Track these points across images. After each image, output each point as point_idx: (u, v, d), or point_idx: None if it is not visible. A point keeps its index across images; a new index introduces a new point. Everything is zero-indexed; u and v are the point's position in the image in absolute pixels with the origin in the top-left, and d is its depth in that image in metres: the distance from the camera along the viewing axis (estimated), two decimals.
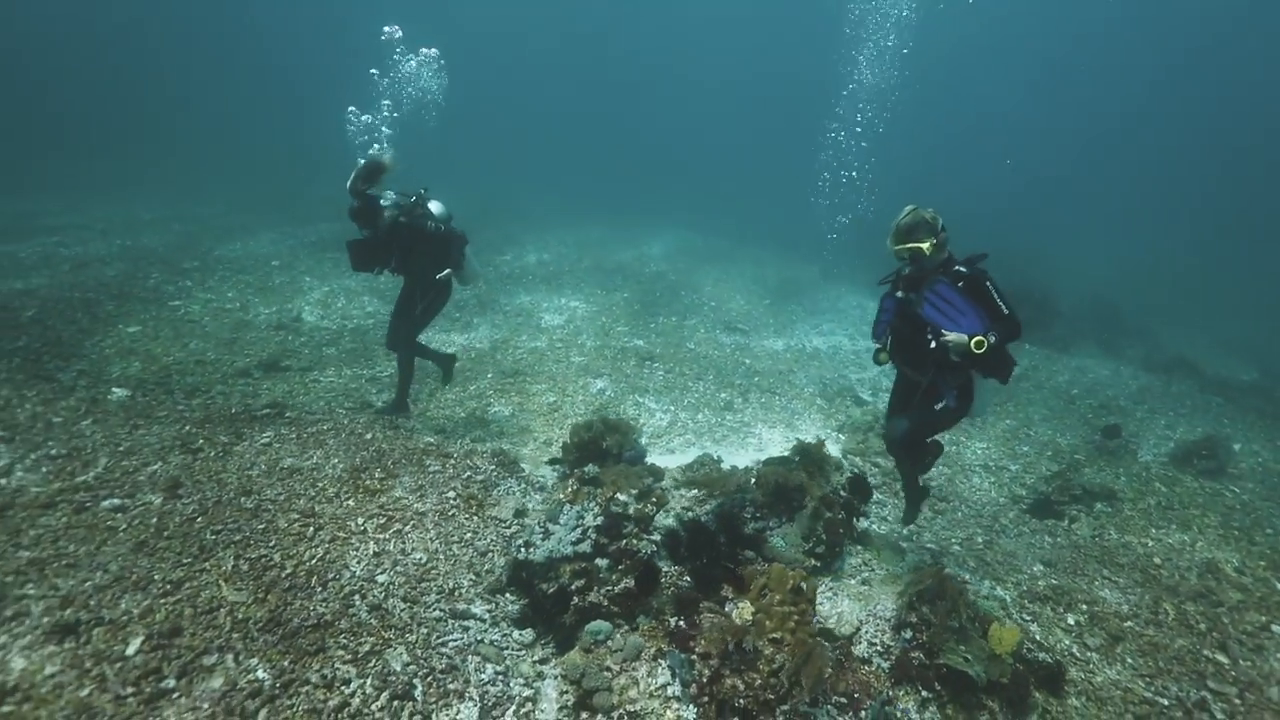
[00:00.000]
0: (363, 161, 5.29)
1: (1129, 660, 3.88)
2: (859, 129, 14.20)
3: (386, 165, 5.32)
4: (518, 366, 7.75)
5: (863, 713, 2.92)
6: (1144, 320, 13.94)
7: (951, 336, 3.51)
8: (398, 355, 6.06)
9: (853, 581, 4.00)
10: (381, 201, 5.40)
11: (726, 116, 49.37)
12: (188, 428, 5.03)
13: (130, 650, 2.83)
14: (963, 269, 3.69)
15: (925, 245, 3.61)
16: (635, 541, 3.72)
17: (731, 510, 4.08)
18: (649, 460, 4.84)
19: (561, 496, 4.00)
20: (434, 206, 5.65)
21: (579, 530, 3.75)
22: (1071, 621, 4.19)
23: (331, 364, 7.44)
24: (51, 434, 4.65)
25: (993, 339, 3.46)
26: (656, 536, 3.80)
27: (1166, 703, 3.54)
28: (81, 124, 24.25)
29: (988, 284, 3.61)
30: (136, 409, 5.36)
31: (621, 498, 3.92)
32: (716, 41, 50.00)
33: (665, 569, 3.67)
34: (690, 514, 4.10)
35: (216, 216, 13.91)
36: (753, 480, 4.33)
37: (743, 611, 3.05)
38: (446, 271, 5.58)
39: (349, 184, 5.21)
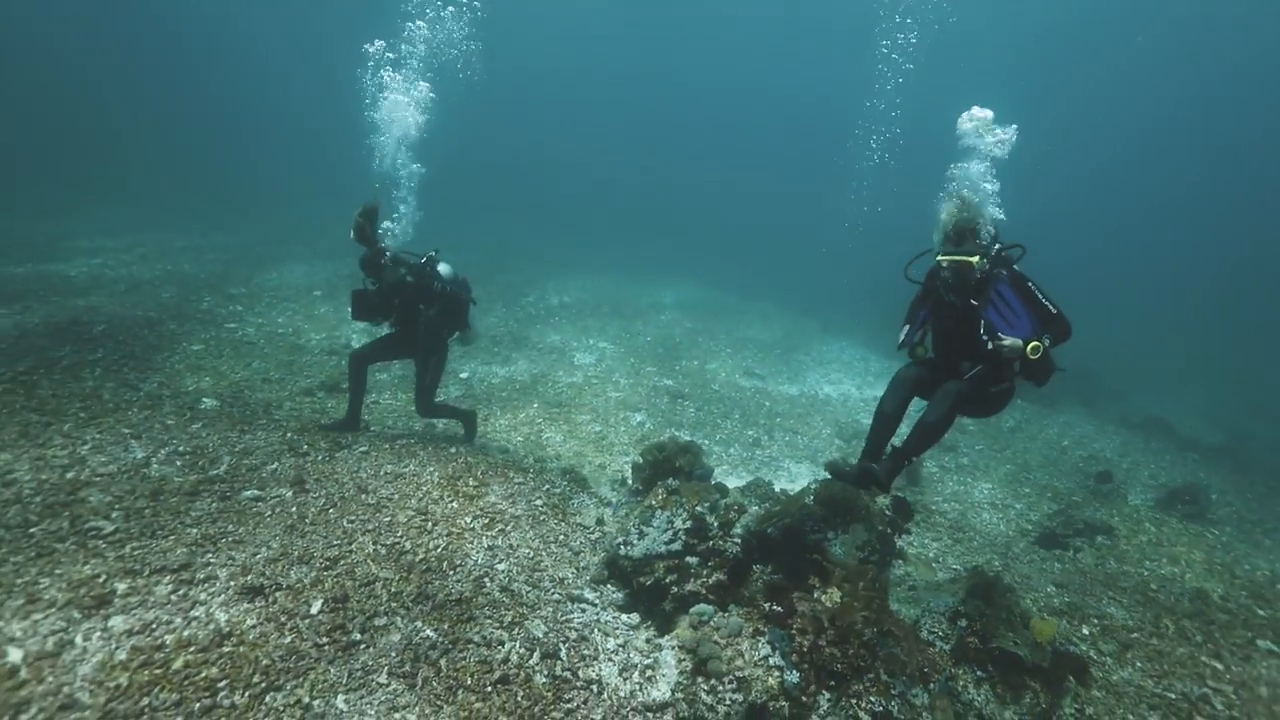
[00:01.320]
0: (359, 210, 5.37)
1: (1138, 664, 4.46)
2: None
3: (378, 205, 5.47)
4: (560, 399, 8.30)
5: (931, 685, 3.45)
6: (1118, 384, 14.97)
7: (1008, 342, 3.46)
8: (350, 374, 5.93)
9: (901, 589, 4.56)
10: (387, 255, 5.50)
11: (731, 176, 51.32)
12: (289, 434, 5.49)
13: (314, 610, 3.29)
14: (1015, 267, 3.69)
15: (975, 260, 3.54)
16: (721, 543, 4.26)
17: (796, 521, 4.64)
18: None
19: (653, 503, 4.53)
20: (442, 268, 5.72)
21: (670, 532, 4.28)
22: (1086, 632, 4.77)
23: (386, 389, 7.92)
24: (171, 434, 5.09)
25: (1046, 342, 3.45)
26: (738, 540, 4.34)
27: (1174, 696, 4.12)
28: (110, 152, 24.75)
29: (1030, 285, 3.61)
30: (234, 417, 5.80)
31: (702, 507, 4.47)
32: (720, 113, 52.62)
33: (754, 566, 4.20)
34: (761, 524, 4.65)
35: (246, 247, 14.41)
36: (809, 498, 4.90)
37: (831, 596, 3.60)
38: (456, 335, 5.91)
39: (353, 234, 5.37)
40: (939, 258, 3.65)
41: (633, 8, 44.98)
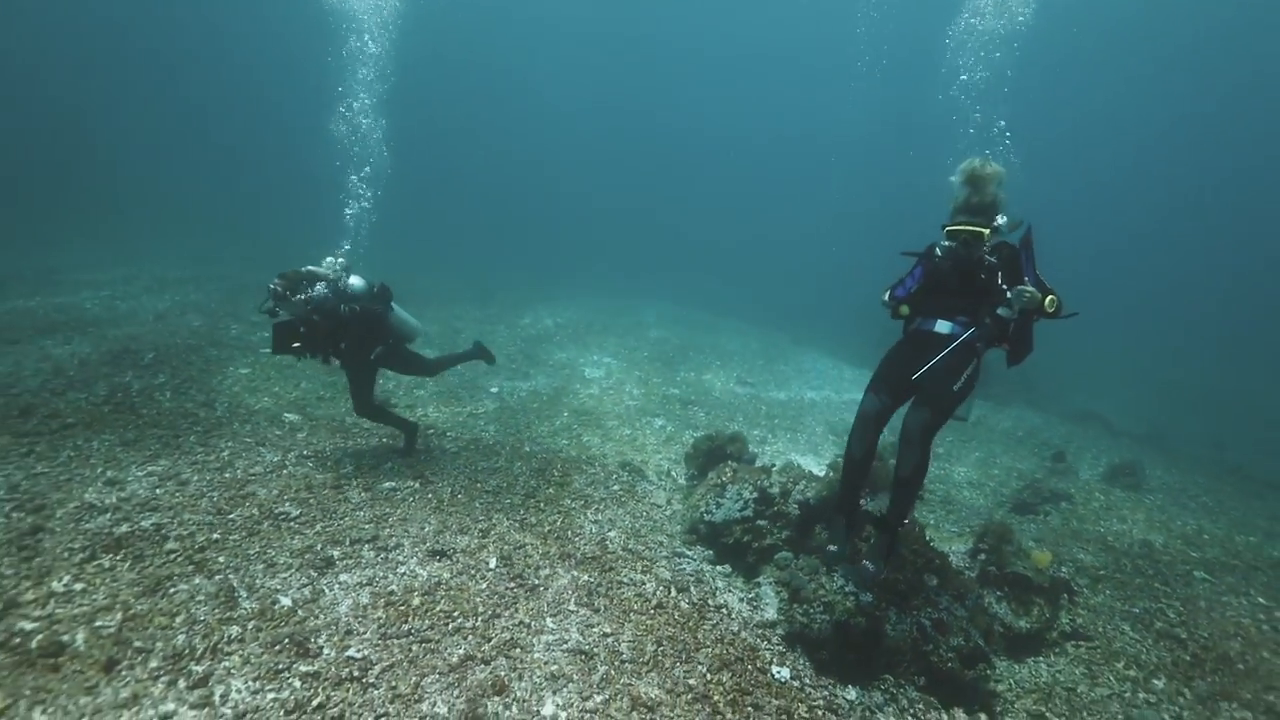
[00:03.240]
0: (306, 270, 5.29)
1: (1108, 592, 5.61)
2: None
3: (319, 275, 5.30)
4: (584, 408, 9.14)
5: (967, 601, 4.48)
6: (1052, 386, 16.78)
7: (1029, 291, 3.27)
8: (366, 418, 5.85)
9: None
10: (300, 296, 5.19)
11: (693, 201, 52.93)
12: (383, 440, 6.17)
13: (492, 564, 4.09)
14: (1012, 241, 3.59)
15: (986, 232, 3.42)
16: (783, 508, 5.22)
17: (832, 492, 5.64)
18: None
19: (722, 480, 5.46)
20: (354, 282, 5.45)
21: (741, 501, 5.21)
22: (1064, 571, 5.92)
23: (429, 403, 8.58)
24: (286, 442, 5.73)
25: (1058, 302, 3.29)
26: (796, 506, 5.31)
27: (1138, 611, 5.27)
28: (86, 188, 24.22)
29: (1023, 255, 3.52)
30: (325, 427, 6.44)
31: (763, 481, 5.42)
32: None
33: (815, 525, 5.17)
34: (805, 494, 5.64)
35: (241, 276, 14.68)
36: (834, 473, 5.92)
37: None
38: (379, 350, 5.66)
39: (270, 303, 5.18)
40: (946, 228, 3.46)
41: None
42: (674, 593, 4.13)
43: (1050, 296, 3.31)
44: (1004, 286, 3.45)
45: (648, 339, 14.13)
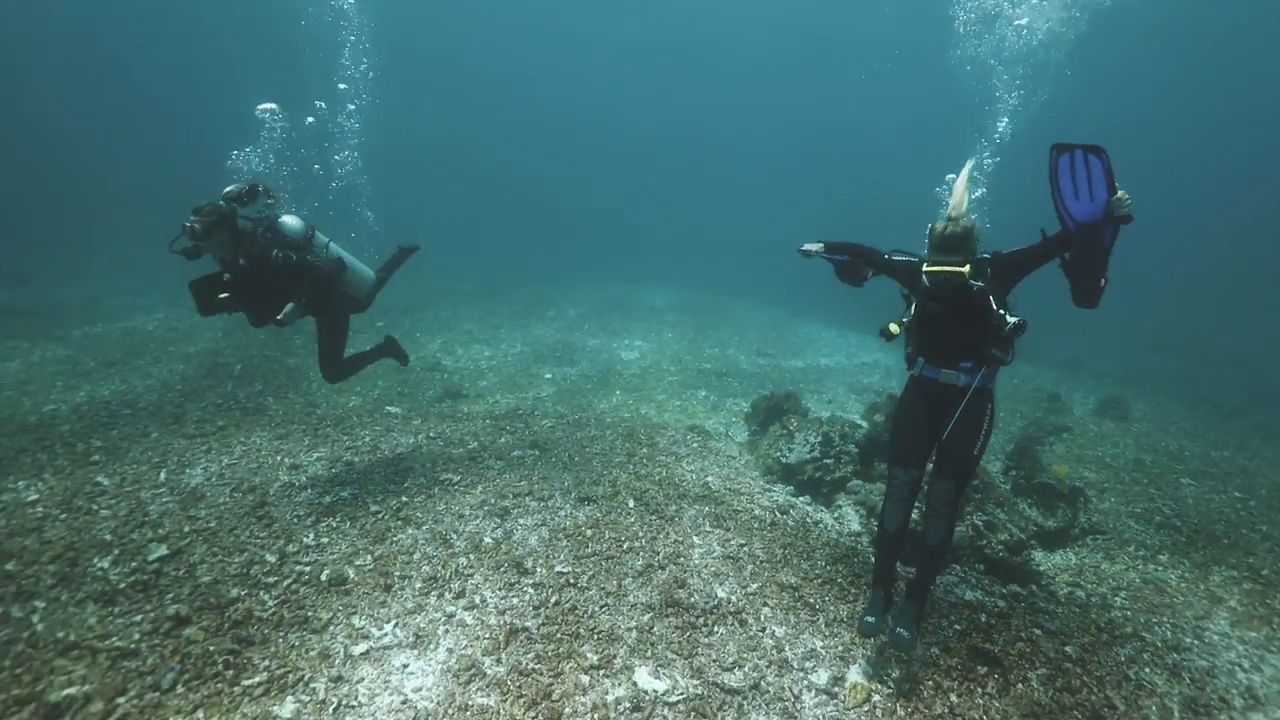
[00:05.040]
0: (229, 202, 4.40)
1: (1113, 499, 6.71)
2: None
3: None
4: (633, 385, 10.07)
5: (1004, 507, 5.51)
6: (1038, 336, 18.04)
7: (1008, 319, 3.19)
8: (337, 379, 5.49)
9: None
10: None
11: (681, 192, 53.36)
12: (487, 422, 7.07)
13: (631, 504, 5.04)
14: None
15: (965, 270, 3.18)
16: (845, 448, 6.22)
17: (875, 432, 6.66)
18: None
19: (790, 429, 6.44)
20: (289, 221, 4.61)
21: (809, 445, 6.20)
22: (1079, 483, 7.01)
23: (494, 393, 9.44)
24: (409, 427, 6.60)
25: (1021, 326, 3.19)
26: (854, 446, 6.32)
27: (1139, 510, 6.38)
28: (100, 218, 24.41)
29: (1009, 255, 3.37)
30: (430, 414, 7.30)
31: (826, 428, 6.42)
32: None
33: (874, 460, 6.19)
34: (857, 437, 6.65)
35: None
36: (878, 415, 6.94)
37: None
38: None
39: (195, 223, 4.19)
40: (926, 268, 3.31)
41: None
42: (779, 515, 5.12)
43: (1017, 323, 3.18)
44: (1001, 311, 3.22)
45: (666, 322, 15.08)
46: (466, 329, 12.89)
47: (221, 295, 4.39)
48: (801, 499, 5.76)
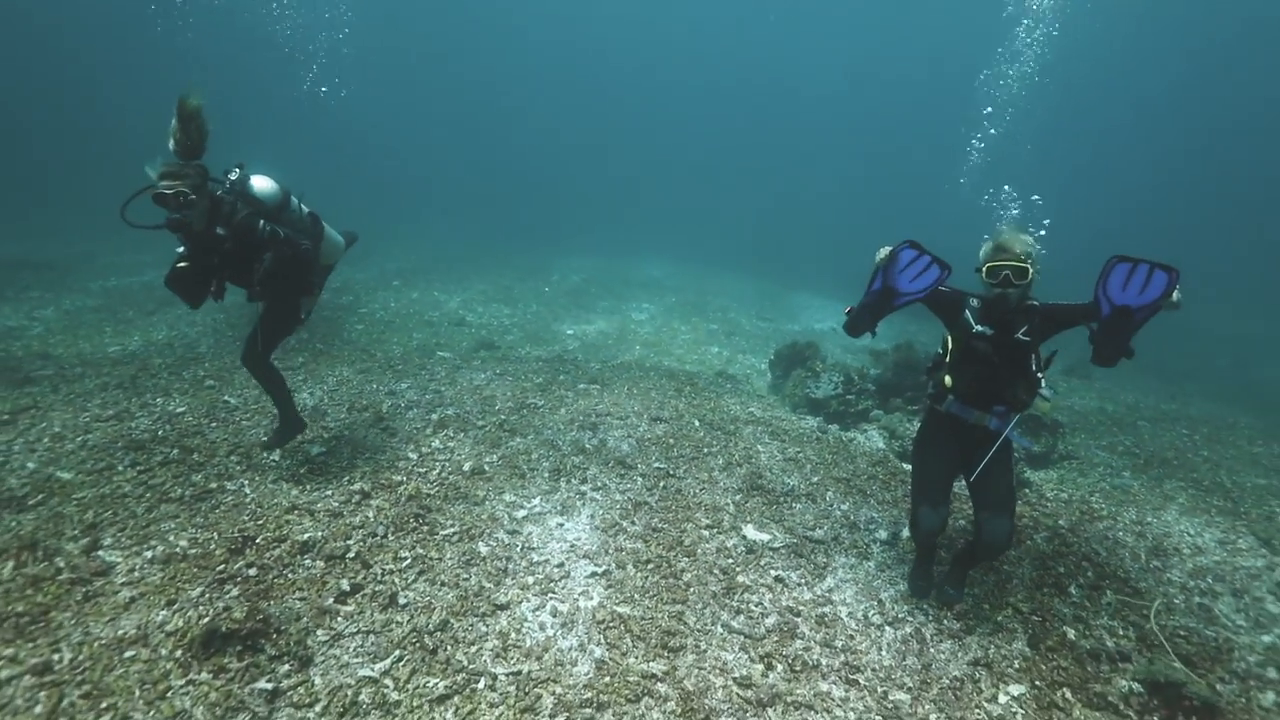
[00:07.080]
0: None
1: (1082, 435, 7.84)
2: None
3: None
4: (650, 340, 10.88)
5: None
6: None
7: (1044, 394, 3.39)
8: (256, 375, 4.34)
9: None
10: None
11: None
12: (540, 363, 7.80)
13: (696, 423, 5.89)
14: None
15: (1030, 266, 3.15)
16: (864, 385, 7.18)
17: (886, 374, 7.64)
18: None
19: (816, 369, 7.36)
20: (259, 185, 3.92)
21: (833, 384, 7.14)
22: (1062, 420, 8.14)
23: (522, 345, 10.14)
24: (472, 368, 7.30)
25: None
26: (872, 384, 7.27)
27: (1105, 443, 7.51)
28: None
29: (1053, 306, 3.39)
30: (488, 360, 8.00)
31: (847, 369, 7.36)
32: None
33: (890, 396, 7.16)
34: (873, 376, 7.62)
35: None
36: (892, 354, 7.92)
37: None
38: (308, 305, 4.39)
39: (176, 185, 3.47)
40: (988, 264, 3.22)
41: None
42: (820, 434, 6.04)
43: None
44: (1039, 375, 3.42)
45: (667, 287, 15.89)
46: (480, 289, 13.47)
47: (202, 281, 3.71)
48: (832, 426, 6.69)
